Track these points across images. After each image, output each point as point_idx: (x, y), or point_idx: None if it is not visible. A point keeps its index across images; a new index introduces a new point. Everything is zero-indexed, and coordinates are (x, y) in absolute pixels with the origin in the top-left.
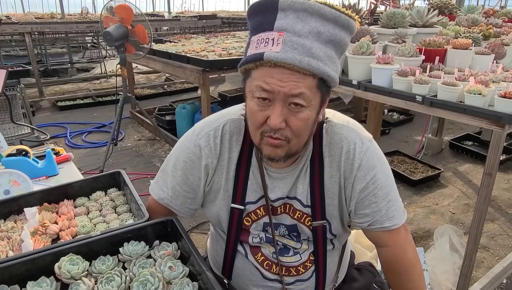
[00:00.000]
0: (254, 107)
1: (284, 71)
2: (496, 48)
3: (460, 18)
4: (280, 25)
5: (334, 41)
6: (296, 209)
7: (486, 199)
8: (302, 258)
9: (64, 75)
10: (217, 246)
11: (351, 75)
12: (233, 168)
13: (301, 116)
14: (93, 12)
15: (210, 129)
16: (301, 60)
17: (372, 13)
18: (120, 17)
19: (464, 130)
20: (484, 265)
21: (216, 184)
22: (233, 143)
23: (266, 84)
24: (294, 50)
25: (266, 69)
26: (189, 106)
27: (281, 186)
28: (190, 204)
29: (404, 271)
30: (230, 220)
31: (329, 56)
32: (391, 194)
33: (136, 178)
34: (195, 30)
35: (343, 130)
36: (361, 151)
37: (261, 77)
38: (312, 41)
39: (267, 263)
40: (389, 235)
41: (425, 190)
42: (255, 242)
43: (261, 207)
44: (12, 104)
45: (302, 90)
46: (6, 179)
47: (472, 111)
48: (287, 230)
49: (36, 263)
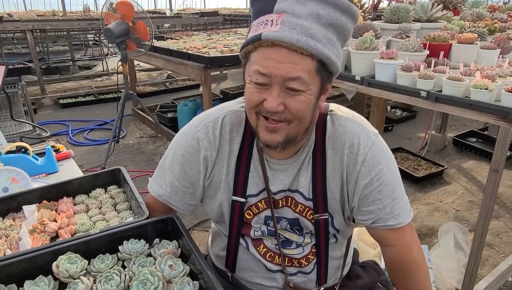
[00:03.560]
0: (251, 89)
1: (281, 50)
2: (502, 42)
3: (465, 12)
4: (279, 7)
5: (334, 25)
6: (298, 202)
7: (492, 196)
8: (304, 251)
9: (66, 72)
10: (219, 242)
11: (354, 70)
12: (234, 160)
13: (300, 99)
14: (95, 9)
15: (209, 121)
16: (299, 39)
17: (375, 8)
18: (121, 13)
19: (468, 126)
20: (489, 262)
21: (216, 178)
22: (234, 134)
23: (264, 68)
24: (292, 29)
25: (264, 49)
26: (190, 103)
27: (283, 178)
28: (190, 199)
29: (409, 271)
30: (232, 213)
31: (329, 39)
32: (397, 191)
33: (138, 175)
34: (196, 27)
35: (348, 123)
36: (366, 146)
37: (259, 60)
38: (311, 22)
39: (269, 254)
40: (394, 233)
41: (428, 187)
42: (256, 235)
43: (262, 200)
44: (13, 102)
45: (299, 73)
46: (5, 176)
47: (478, 107)
48: (288, 224)
49: (34, 262)
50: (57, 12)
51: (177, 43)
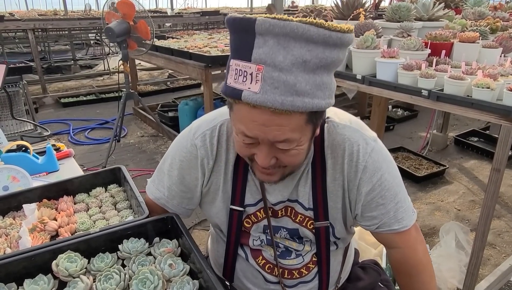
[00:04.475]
0: (240, 143)
1: (265, 112)
2: (504, 41)
3: (467, 11)
4: (258, 56)
5: (324, 66)
6: (298, 213)
7: (494, 196)
8: (304, 260)
9: (67, 72)
10: (218, 247)
11: (355, 69)
12: (231, 169)
13: (292, 153)
14: (96, 9)
15: (206, 129)
16: (283, 101)
17: (376, 7)
18: (122, 13)
19: (469, 126)
20: (491, 262)
21: (214, 185)
22: (230, 144)
23: (249, 131)
24: (274, 89)
25: (247, 108)
26: (192, 102)
27: (281, 189)
28: (187, 204)
29: (415, 273)
30: (230, 222)
31: (318, 85)
32: (400, 195)
33: (139, 174)
34: (198, 26)
35: (346, 131)
36: (365, 153)
37: (242, 119)
38: (296, 75)
39: (268, 266)
40: (399, 236)
41: (430, 187)
42: (255, 245)
43: (261, 209)
44: (14, 101)
45: (287, 135)
46: (5, 175)
47: (480, 105)
48: (288, 234)
49: (34, 261)
50: (59, 11)
51: (178, 42)
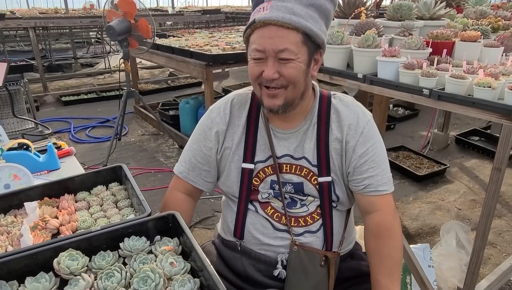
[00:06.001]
0: (252, 64)
1: (271, 28)
2: (505, 40)
3: (468, 10)
4: None
5: (314, 5)
6: (304, 167)
7: (495, 195)
8: (309, 209)
9: (68, 70)
10: (229, 212)
11: (356, 68)
12: (243, 131)
13: (291, 66)
14: (98, 7)
15: (221, 104)
16: (284, 16)
17: (378, 6)
18: (123, 11)
19: (470, 125)
20: (491, 261)
21: (227, 150)
22: (241, 111)
23: (259, 45)
24: (278, 10)
25: (259, 30)
26: (192, 101)
27: (287, 145)
28: (205, 176)
29: (388, 236)
30: (241, 181)
31: (311, 16)
32: (385, 164)
33: (140, 173)
34: (198, 25)
35: (350, 104)
36: (364, 120)
37: (255, 40)
38: (293, 4)
39: (276, 215)
40: (382, 199)
41: (430, 186)
42: (264, 198)
43: (269, 166)
44: (15, 99)
45: (286, 45)
46: (6, 173)
47: (481, 105)
48: (293, 188)
49: (35, 258)
50: (60, 9)
51: (179, 41)
